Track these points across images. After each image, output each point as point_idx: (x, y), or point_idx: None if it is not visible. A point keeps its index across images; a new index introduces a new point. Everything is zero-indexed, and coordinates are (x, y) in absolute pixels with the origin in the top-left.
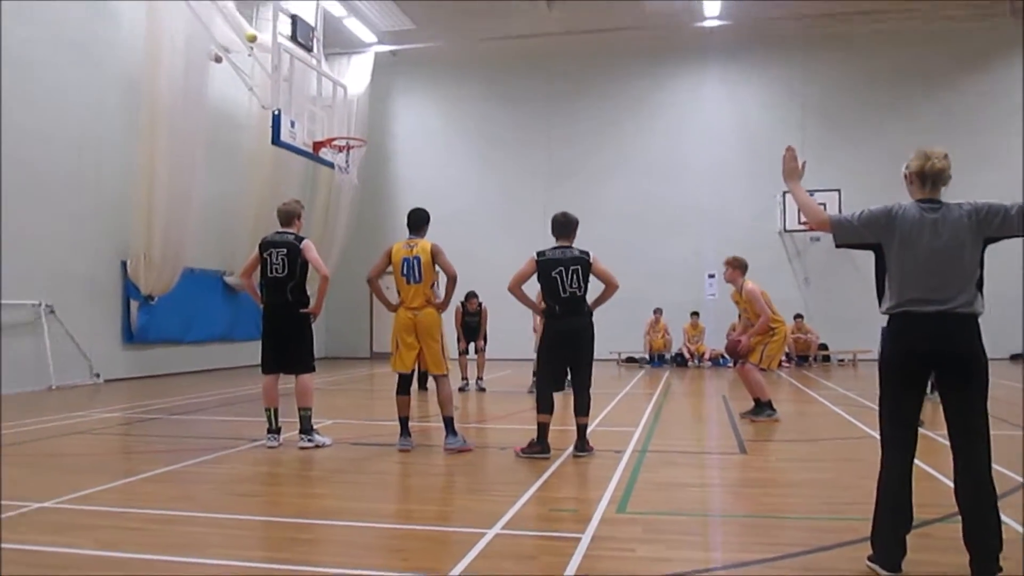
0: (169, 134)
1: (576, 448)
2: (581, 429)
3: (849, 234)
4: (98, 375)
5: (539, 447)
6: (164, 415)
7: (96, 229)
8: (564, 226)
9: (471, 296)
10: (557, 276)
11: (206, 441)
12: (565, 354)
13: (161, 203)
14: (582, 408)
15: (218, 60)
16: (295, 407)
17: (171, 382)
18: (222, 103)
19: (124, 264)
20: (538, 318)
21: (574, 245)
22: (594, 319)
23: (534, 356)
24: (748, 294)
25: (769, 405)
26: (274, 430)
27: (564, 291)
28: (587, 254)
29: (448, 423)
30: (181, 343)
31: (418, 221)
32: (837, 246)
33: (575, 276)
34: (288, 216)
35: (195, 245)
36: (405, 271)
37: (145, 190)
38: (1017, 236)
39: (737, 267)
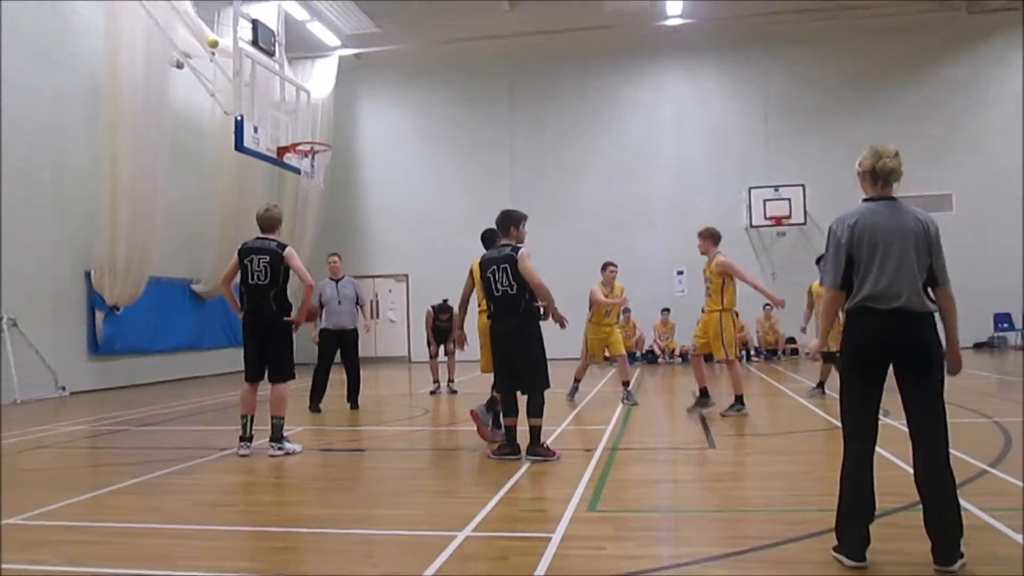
0: (131, 141)
1: (527, 452)
2: (533, 431)
3: (844, 277)
4: (64, 388)
5: (508, 448)
6: (132, 426)
7: (58, 239)
8: (500, 223)
9: (444, 303)
10: (491, 276)
11: (175, 452)
12: (503, 354)
13: (125, 211)
14: (532, 409)
15: (179, 66)
16: (268, 415)
17: (139, 393)
18: (184, 109)
19: (88, 274)
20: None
21: (513, 243)
22: (563, 316)
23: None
24: (720, 265)
25: (739, 400)
26: (247, 437)
27: (496, 290)
28: (516, 251)
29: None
30: (148, 353)
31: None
32: (840, 288)
33: (504, 274)
34: (270, 222)
35: (160, 253)
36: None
37: (108, 198)
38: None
39: (709, 238)
